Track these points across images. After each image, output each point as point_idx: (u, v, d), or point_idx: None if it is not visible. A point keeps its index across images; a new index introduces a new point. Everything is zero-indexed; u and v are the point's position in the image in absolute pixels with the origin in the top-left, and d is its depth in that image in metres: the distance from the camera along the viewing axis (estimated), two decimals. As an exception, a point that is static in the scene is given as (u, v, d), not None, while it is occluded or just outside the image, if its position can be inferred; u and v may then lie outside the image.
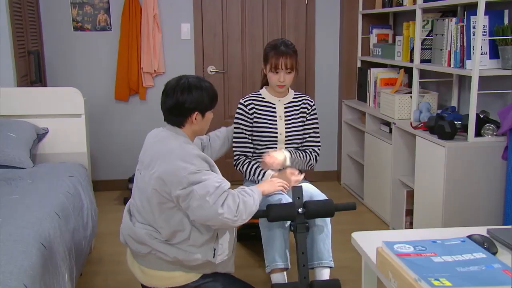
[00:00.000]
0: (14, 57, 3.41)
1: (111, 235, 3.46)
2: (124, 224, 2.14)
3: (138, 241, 2.04)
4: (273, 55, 2.54)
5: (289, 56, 2.53)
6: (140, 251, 2.05)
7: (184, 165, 1.93)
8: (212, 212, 1.92)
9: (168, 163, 1.95)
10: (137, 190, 2.10)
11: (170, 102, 2.06)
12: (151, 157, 2.03)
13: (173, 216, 1.98)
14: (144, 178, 2.04)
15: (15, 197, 2.37)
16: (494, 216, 2.82)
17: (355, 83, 4.48)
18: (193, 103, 2.05)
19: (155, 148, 2.06)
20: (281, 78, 2.55)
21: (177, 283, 2.07)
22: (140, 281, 2.16)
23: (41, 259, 1.87)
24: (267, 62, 2.58)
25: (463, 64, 2.85)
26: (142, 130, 4.46)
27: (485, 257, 1.28)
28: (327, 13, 4.50)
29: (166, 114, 2.12)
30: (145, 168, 2.05)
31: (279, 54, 2.53)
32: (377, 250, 1.38)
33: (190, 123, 2.09)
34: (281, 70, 2.54)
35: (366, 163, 3.96)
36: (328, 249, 2.39)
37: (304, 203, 2.27)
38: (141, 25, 4.19)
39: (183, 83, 2.07)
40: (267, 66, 2.58)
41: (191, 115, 2.07)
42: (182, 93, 2.04)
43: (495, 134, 2.80)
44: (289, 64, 2.53)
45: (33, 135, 3.04)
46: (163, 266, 2.05)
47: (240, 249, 3.24)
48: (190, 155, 1.97)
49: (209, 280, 2.10)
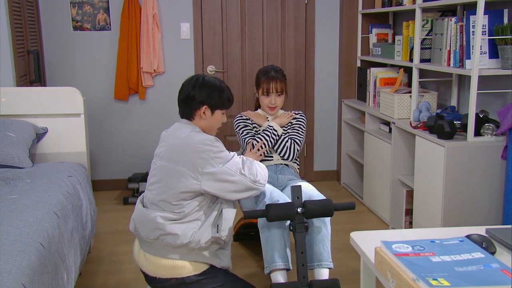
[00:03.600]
0: (13, 57, 3.41)
1: (110, 235, 3.47)
2: (136, 211, 2.21)
3: (149, 224, 2.09)
4: (264, 79, 2.83)
5: (279, 81, 2.82)
6: (149, 237, 2.10)
7: (208, 148, 2.08)
8: (250, 183, 2.16)
9: (191, 149, 2.08)
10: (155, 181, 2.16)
11: (183, 94, 2.22)
12: (173, 147, 2.14)
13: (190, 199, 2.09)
14: (165, 167, 2.12)
15: (14, 197, 2.36)
16: (493, 215, 2.82)
17: (354, 83, 4.48)
18: (202, 97, 2.18)
19: (174, 139, 2.17)
20: (272, 100, 2.83)
21: (179, 274, 2.11)
22: (145, 271, 2.19)
23: (40, 258, 1.87)
24: (259, 87, 2.86)
25: (463, 64, 2.85)
26: (141, 129, 4.48)
27: (484, 257, 1.28)
28: (326, 13, 4.50)
29: (179, 106, 2.25)
30: (164, 158, 2.14)
31: (270, 79, 2.81)
32: (375, 250, 1.38)
33: (199, 117, 2.20)
34: (272, 93, 2.82)
35: (366, 163, 3.96)
36: (327, 250, 2.40)
37: (303, 202, 2.27)
38: (141, 25, 4.19)
39: (196, 79, 2.23)
40: (259, 90, 2.86)
41: (200, 108, 2.18)
42: (193, 87, 2.19)
43: (494, 134, 2.80)
44: (279, 88, 2.82)
45: (32, 134, 3.04)
46: (169, 253, 2.10)
47: (239, 248, 3.24)
48: (209, 139, 2.12)
49: (210, 276, 2.15)
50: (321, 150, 4.75)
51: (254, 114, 2.94)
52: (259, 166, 2.29)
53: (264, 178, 2.27)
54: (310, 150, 4.70)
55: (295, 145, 2.82)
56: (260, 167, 2.28)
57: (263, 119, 2.91)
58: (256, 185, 2.20)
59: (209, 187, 2.08)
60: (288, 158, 2.82)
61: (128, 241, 3.34)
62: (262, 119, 2.91)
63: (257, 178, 2.20)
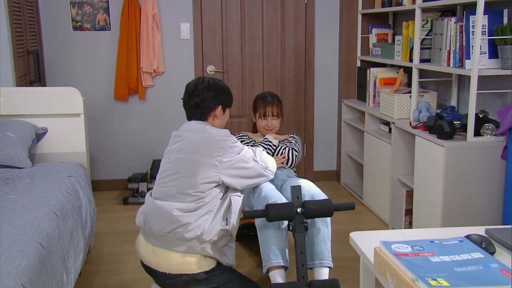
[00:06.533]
0: (13, 57, 3.41)
1: (110, 235, 3.47)
2: (148, 205, 2.22)
3: (165, 217, 2.11)
4: (261, 104, 3.05)
5: (275, 105, 3.04)
6: (162, 230, 2.12)
7: (226, 138, 2.21)
8: (262, 169, 2.32)
9: (211, 140, 2.20)
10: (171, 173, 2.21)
11: (196, 99, 2.29)
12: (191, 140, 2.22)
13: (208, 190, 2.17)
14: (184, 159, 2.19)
15: (13, 197, 2.36)
16: (493, 215, 2.82)
17: (354, 83, 4.48)
18: (217, 98, 2.31)
19: (191, 133, 2.25)
20: (269, 123, 3.03)
21: (190, 270, 2.13)
22: (154, 266, 2.18)
23: (39, 259, 1.87)
24: (257, 111, 3.06)
25: (463, 64, 2.85)
26: (141, 129, 4.47)
27: (483, 257, 1.28)
28: (326, 13, 4.50)
29: (191, 110, 2.32)
30: (182, 151, 2.22)
31: (267, 103, 3.03)
32: (374, 250, 1.38)
33: (213, 117, 2.32)
34: (269, 116, 3.02)
35: (366, 163, 3.96)
36: (328, 250, 2.41)
37: (303, 203, 2.27)
38: (141, 25, 4.19)
39: (208, 80, 2.33)
40: (257, 114, 3.07)
41: (215, 109, 2.31)
42: (208, 90, 2.29)
43: (494, 134, 2.79)
44: (275, 111, 3.03)
45: (32, 134, 3.04)
46: (181, 247, 2.12)
47: (239, 249, 3.24)
48: (225, 132, 2.26)
49: (217, 273, 2.19)
50: (321, 150, 4.75)
51: (252, 134, 3.15)
52: (266, 155, 2.45)
53: (273, 165, 2.45)
54: (310, 150, 4.70)
55: (294, 151, 2.94)
56: (267, 156, 2.45)
57: (261, 138, 3.08)
58: (266, 171, 2.36)
59: (226, 175, 2.18)
60: (287, 164, 2.92)
61: (128, 241, 3.34)
62: (259, 138, 3.09)
63: (268, 165, 2.38)
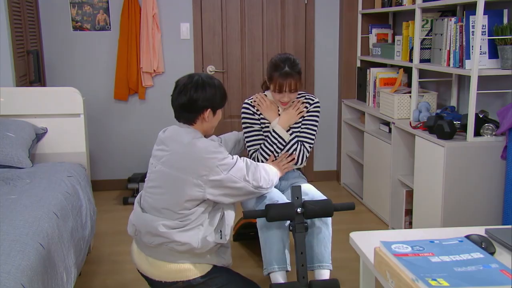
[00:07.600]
0: (13, 57, 3.41)
1: (110, 235, 3.46)
2: (136, 216, 2.15)
3: (151, 231, 2.05)
4: (277, 76, 2.48)
5: (294, 78, 2.48)
6: (152, 242, 2.06)
7: (213, 156, 2.02)
8: (252, 188, 2.15)
9: (196, 157, 2.02)
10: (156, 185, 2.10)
11: (183, 98, 2.08)
12: (176, 154, 2.05)
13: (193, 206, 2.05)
14: (168, 174, 2.05)
15: (13, 197, 2.36)
16: (493, 215, 2.81)
17: (354, 83, 4.48)
18: (206, 101, 2.09)
19: (176, 145, 2.07)
20: (285, 97, 2.54)
21: (186, 277, 2.09)
22: (148, 275, 2.15)
23: (39, 259, 1.86)
24: (271, 82, 2.53)
25: (462, 64, 2.85)
26: (141, 130, 4.47)
27: (483, 257, 1.28)
28: (326, 13, 4.50)
29: (178, 111, 2.13)
30: (166, 165, 2.06)
31: (284, 77, 2.47)
32: (374, 250, 1.38)
33: (202, 120, 2.13)
34: (286, 92, 2.51)
35: (366, 163, 3.96)
36: (328, 251, 2.39)
37: (303, 203, 2.27)
38: (141, 25, 4.19)
39: (197, 80, 2.10)
40: (271, 85, 2.54)
41: (204, 112, 2.10)
42: (196, 90, 2.07)
43: (494, 134, 2.79)
44: (293, 85, 2.50)
45: (32, 135, 3.04)
46: (174, 258, 2.07)
47: (239, 249, 3.24)
48: (213, 145, 2.06)
49: (214, 276, 2.14)
50: (321, 150, 4.75)
51: (265, 106, 2.63)
52: (264, 169, 2.25)
53: (268, 182, 2.24)
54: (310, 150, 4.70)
55: (304, 150, 2.65)
56: (265, 171, 2.24)
57: (273, 114, 2.64)
58: (258, 190, 2.19)
59: (212, 194, 2.04)
60: (295, 164, 2.67)
61: (128, 241, 3.33)
62: (272, 113, 2.64)
63: (260, 184, 2.18)
